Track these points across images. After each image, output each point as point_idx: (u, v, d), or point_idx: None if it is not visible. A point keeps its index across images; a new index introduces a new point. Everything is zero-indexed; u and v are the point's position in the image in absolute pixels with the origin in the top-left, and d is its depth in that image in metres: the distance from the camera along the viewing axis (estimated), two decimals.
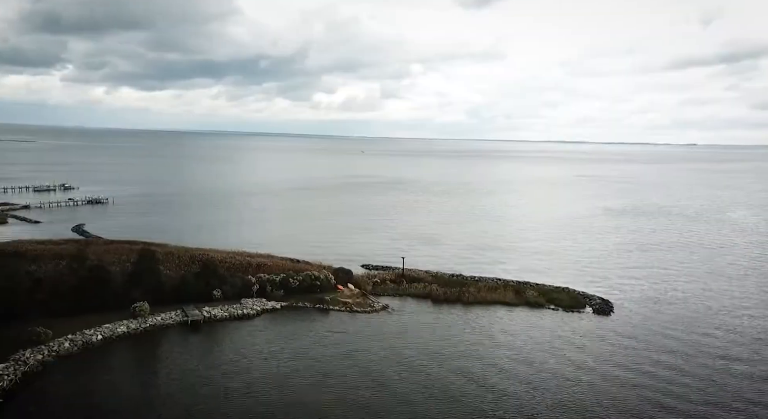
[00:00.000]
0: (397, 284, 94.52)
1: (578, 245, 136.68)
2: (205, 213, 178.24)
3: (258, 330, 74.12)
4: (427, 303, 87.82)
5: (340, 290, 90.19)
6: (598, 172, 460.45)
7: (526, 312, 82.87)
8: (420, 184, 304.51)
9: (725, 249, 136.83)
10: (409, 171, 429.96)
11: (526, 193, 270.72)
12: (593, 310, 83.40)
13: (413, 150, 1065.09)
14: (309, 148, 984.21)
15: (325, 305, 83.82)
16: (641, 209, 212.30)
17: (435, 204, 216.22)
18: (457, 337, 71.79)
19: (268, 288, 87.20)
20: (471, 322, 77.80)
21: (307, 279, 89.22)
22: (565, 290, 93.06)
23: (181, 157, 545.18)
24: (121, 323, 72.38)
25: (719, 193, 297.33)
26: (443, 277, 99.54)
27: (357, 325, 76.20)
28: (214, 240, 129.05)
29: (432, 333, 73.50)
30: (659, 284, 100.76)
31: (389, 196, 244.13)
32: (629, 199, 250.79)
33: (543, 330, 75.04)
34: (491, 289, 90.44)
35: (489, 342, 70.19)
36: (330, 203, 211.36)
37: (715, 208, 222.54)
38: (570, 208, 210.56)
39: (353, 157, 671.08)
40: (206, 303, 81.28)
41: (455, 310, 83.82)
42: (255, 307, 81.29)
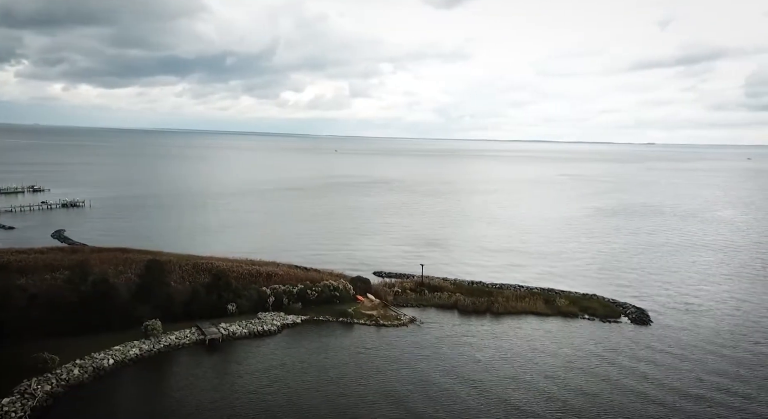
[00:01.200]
0: (418, 293, 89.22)
1: (585, 247, 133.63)
2: (190, 216, 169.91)
3: (282, 348, 67.83)
4: (453, 314, 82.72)
5: (360, 301, 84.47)
6: (576, 171, 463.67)
7: (561, 323, 78.49)
8: (404, 184, 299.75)
9: (731, 249, 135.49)
10: (388, 170, 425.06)
11: (513, 193, 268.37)
12: (630, 320, 79.54)
13: (385, 149, 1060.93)
14: (279, 147, 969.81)
15: (348, 318, 77.95)
16: (633, 209, 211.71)
17: (426, 205, 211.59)
18: (497, 355, 66.79)
19: (285, 300, 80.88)
20: (507, 336, 72.84)
21: (325, 291, 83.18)
22: (593, 297, 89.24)
23: (151, 157, 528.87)
24: (133, 344, 65.27)
25: (699, 191, 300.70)
26: (463, 285, 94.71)
27: (386, 341, 70.49)
28: (208, 246, 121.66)
29: (470, 349, 68.34)
30: (683, 288, 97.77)
31: (377, 196, 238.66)
32: (616, 198, 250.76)
33: (588, 344, 70.61)
34: (519, 298, 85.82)
35: (535, 363, 65.43)
36: (320, 204, 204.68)
37: (703, 207, 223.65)
38: (562, 208, 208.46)
39: (328, 156, 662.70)
40: (220, 318, 74.63)
41: (486, 322, 78.88)
42: (275, 322, 74.90)
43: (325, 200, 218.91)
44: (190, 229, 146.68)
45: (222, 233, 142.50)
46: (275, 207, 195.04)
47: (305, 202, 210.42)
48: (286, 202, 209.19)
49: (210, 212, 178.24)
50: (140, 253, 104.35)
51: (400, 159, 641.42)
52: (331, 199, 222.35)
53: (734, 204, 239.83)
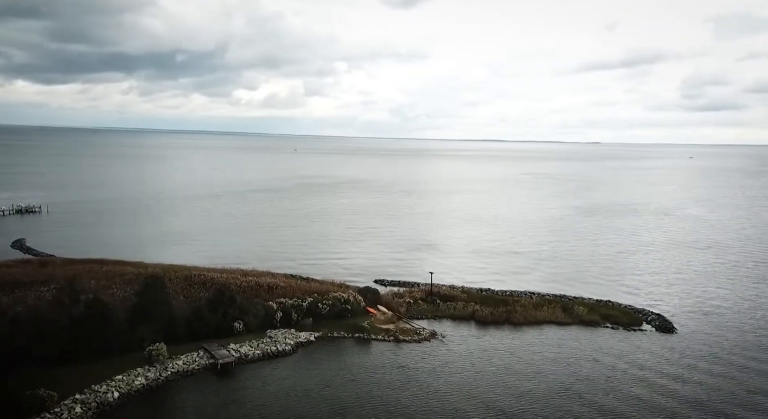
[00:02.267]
0: (429, 303, 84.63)
1: (577, 248, 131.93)
2: (160, 221, 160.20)
3: (301, 370, 61.93)
4: (470, 325, 78.52)
5: (372, 314, 79.24)
6: (537, 170, 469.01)
7: (586, 333, 75.27)
8: (376, 184, 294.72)
9: (718, 248, 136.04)
10: (355, 170, 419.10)
11: (487, 193, 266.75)
12: (655, 328, 77.11)
13: (344, 148, 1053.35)
14: (234, 146, 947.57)
15: (364, 334, 72.55)
16: (607, 207, 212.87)
17: (406, 206, 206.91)
18: (534, 372, 62.83)
19: (294, 315, 74.90)
20: (536, 350, 69.06)
21: (336, 304, 77.55)
22: (608, 303, 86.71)
23: (103, 157, 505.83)
24: (137, 372, 58.19)
25: (660, 189, 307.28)
26: (473, 293, 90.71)
27: (411, 359, 65.39)
28: (188, 255, 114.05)
29: (503, 367, 64.18)
30: (691, 290, 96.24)
31: (353, 197, 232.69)
32: (587, 197, 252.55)
33: (624, 356, 67.36)
34: (536, 306, 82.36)
35: (578, 378, 61.79)
36: (297, 207, 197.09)
37: (671, 205, 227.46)
38: (540, 207, 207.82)
39: (288, 155, 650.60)
40: (227, 338, 68.10)
41: (508, 333, 74.91)
42: (288, 341, 68.86)
43: (300, 202, 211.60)
44: (163, 236, 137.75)
45: (200, 240, 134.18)
46: (250, 210, 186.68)
47: (280, 205, 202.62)
48: (261, 205, 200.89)
49: (182, 217, 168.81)
50: (119, 265, 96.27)
51: (362, 158, 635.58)
52: (307, 201, 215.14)
53: (698, 202, 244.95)
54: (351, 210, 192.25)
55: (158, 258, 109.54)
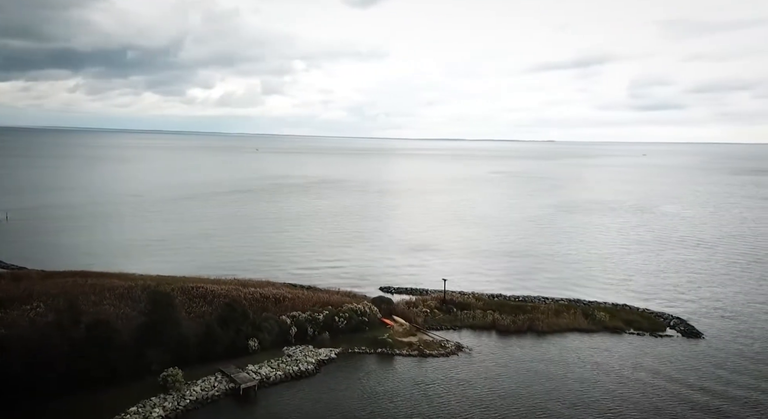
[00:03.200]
0: (446, 312, 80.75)
1: (572, 249, 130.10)
2: (133, 227, 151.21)
3: (329, 392, 57.01)
4: (491, 335, 75.04)
5: (389, 325, 74.85)
6: (504, 169, 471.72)
7: (613, 340, 72.69)
8: (350, 184, 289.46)
9: (706, 246, 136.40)
10: (325, 170, 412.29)
11: (465, 192, 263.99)
12: (680, 333, 75.20)
13: (307, 147, 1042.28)
14: (191, 146, 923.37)
15: (387, 349, 68.15)
16: (584, 206, 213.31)
17: (388, 207, 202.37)
18: (572, 388, 59.70)
19: (310, 330, 69.86)
20: (570, 360, 65.94)
21: (353, 316, 72.82)
22: (626, 308, 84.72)
23: (54, 158, 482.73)
24: (152, 402, 52.32)
25: (627, 187, 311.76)
26: (485, 299, 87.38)
27: (443, 376, 61.09)
28: (170, 264, 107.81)
29: (543, 380, 60.81)
30: (699, 291, 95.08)
31: (331, 198, 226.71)
32: (561, 195, 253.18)
33: (661, 365, 64.85)
34: (557, 313, 79.55)
35: (625, 390, 58.89)
36: (276, 209, 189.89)
37: (645, 203, 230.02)
38: (521, 207, 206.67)
39: (251, 155, 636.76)
40: (242, 358, 62.65)
41: (534, 343, 71.66)
42: (308, 359, 63.83)
43: (279, 204, 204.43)
44: (140, 244, 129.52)
45: (181, 247, 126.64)
46: (228, 213, 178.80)
47: (258, 207, 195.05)
48: (238, 207, 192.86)
49: (155, 222, 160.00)
50: (104, 277, 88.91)
51: (328, 158, 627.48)
52: (286, 203, 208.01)
53: (667, 199, 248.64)
54: (334, 211, 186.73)
55: (140, 268, 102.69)
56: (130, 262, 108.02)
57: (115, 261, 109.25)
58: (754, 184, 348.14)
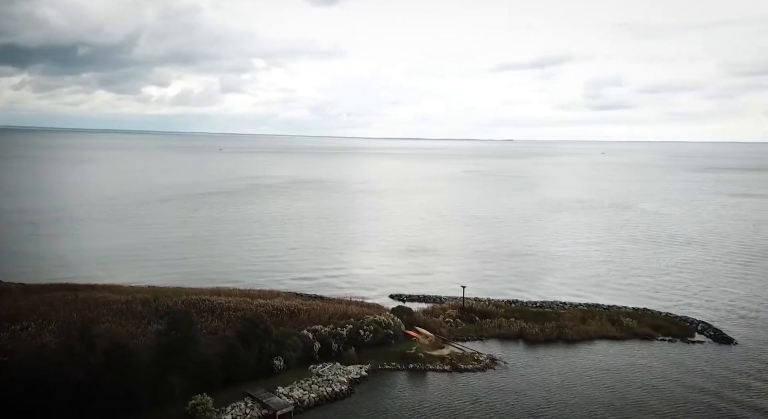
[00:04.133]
0: (468, 322, 77.18)
1: (572, 249, 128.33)
2: (112, 233, 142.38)
3: (371, 415, 52.75)
4: (518, 345, 71.85)
5: (414, 337, 70.78)
6: (474, 168, 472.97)
7: (647, 348, 70.23)
8: (328, 184, 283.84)
9: (697, 244, 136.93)
10: (298, 169, 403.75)
11: (442, 191, 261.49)
12: (711, 338, 73.44)
13: (272, 146, 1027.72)
14: (149, 146, 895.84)
15: (419, 364, 64.07)
16: (565, 204, 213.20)
17: (373, 208, 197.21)
18: (622, 400, 56.87)
19: (334, 346, 65.18)
20: (610, 369, 63.22)
21: (379, 329, 68.43)
22: (647, 312, 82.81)
23: (3, 159, 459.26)
24: None
25: (598, 184, 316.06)
26: (503, 305, 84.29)
27: (483, 392, 57.33)
28: (163, 274, 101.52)
29: (582, 393, 57.74)
30: (711, 292, 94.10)
31: (315, 199, 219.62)
32: (539, 193, 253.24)
33: (708, 376, 62.64)
34: (583, 320, 76.97)
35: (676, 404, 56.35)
36: (259, 212, 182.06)
37: (622, 200, 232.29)
38: (505, 206, 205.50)
39: (214, 154, 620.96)
40: (268, 378, 57.66)
41: (566, 352, 68.65)
42: (340, 378, 59.22)
43: (259, 206, 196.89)
44: (122, 252, 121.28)
45: (168, 255, 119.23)
46: (209, 217, 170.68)
47: (240, 210, 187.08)
48: (217, 211, 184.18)
49: (134, 227, 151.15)
50: (94, 291, 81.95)
51: (296, 157, 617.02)
52: (266, 205, 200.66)
53: (641, 196, 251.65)
54: (319, 214, 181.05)
55: (128, 278, 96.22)
56: (115, 273, 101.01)
57: (99, 271, 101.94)
58: (714, 181, 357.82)
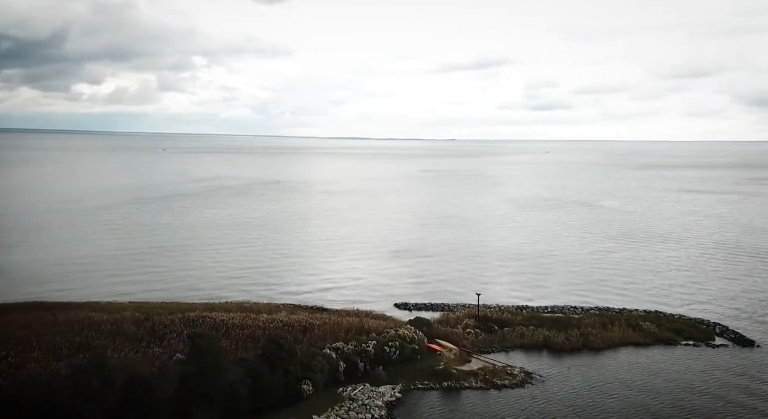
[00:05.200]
0: (487, 331, 73.37)
1: (557, 249, 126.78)
2: (78, 242, 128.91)
3: None
4: (541, 355, 68.51)
5: (438, 351, 66.39)
6: (430, 167, 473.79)
7: (675, 353, 68.07)
8: (290, 185, 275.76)
9: (672, 241, 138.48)
10: (253, 170, 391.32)
11: (409, 191, 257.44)
12: (731, 341, 72.33)
13: (217, 146, 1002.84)
14: (84, 147, 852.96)
15: (452, 381, 59.64)
16: (532, 203, 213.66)
17: (344, 209, 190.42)
18: (677, 410, 54.42)
19: (360, 365, 59.95)
20: (657, 377, 60.80)
21: (405, 345, 63.61)
22: (660, 315, 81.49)
23: None
24: None
25: (554, 182, 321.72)
26: (514, 311, 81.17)
27: (530, 412, 53.77)
28: (144, 287, 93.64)
29: (637, 406, 54.99)
30: (714, 290, 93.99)
31: (279, 202, 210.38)
32: (503, 192, 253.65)
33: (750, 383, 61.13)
34: (603, 326, 74.55)
35: None
36: (228, 216, 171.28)
37: (583, 198, 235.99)
38: (475, 206, 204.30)
39: (160, 155, 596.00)
40: (297, 406, 51.97)
41: (597, 361, 65.89)
42: (375, 402, 54.09)
43: (226, 210, 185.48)
44: (91, 262, 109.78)
45: (142, 265, 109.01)
46: (177, 222, 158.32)
47: (206, 214, 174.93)
48: (183, 215, 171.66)
49: (96, 235, 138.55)
50: (72, 309, 73.32)
51: (246, 157, 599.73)
52: (233, 208, 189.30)
53: (601, 194, 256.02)
54: (293, 217, 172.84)
55: (106, 293, 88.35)
56: (88, 288, 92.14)
57: (68, 286, 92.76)
58: (657, 178, 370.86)
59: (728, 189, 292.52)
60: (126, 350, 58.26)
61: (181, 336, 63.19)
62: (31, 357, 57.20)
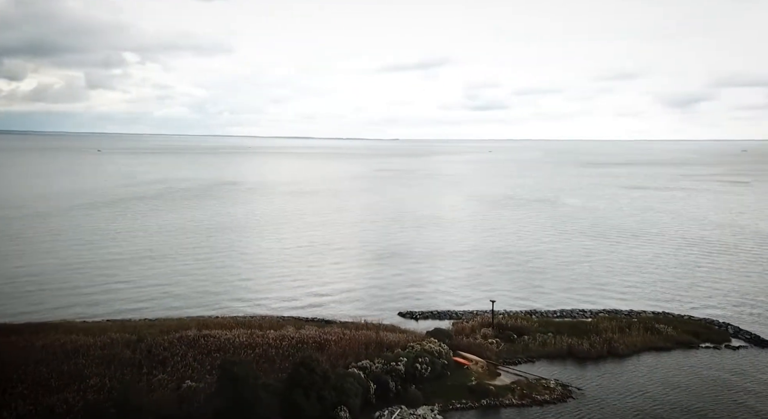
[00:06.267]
0: (506, 340, 69.88)
1: (541, 248, 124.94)
2: (32, 253, 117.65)
3: None
4: (566, 363, 65.50)
5: (465, 365, 62.27)
6: (383, 166, 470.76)
7: (698, 356, 66.74)
8: (247, 186, 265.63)
9: (646, 238, 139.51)
10: (205, 172, 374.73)
11: (373, 192, 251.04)
12: (750, 343, 71.44)
13: (155, 146, 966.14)
14: (6, 147, 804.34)
15: (491, 399, 55.62)
16: (499, 201, 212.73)
17: (315, 211, 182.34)
18: None
19: (392, 384, 55.05)
20: (707, 385, 58.89)
21: (435, 360, 59.08)
22: (669, 316, 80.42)
23: None
24: None
25: (507, 180, 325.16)
26: (522, 316, 78.29)
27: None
28: (120, 303, 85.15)
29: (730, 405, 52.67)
30: (708, 287, 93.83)
31: (243, 204, 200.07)
32: (466, 191, 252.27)
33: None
34: (621, 330, 72.53)
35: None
36: (191, 219, 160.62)
37: (543, 195, 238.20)
38: (445, 205, 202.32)
39: (96, 156, 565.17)
40: None
41: (623, 368, 63.62)
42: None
43: (190, 213, 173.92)
44: (50, 278, 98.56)
45: (112, 277, 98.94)
46: (137, 228, 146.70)
47: (170, 219, 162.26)
48: (144, 220, 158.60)
49: (49, 245, 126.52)
50: (49, 332, 65.13)
51: (190, 157, 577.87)
52: (198, 212, 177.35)
53: (560, 191, 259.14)
54: (262, 220, 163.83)
55: (81, 312, 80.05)
56: (58, 306, 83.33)
57: (33, 306, 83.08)
58: (603, 175, 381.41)
59: (669, 185, 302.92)
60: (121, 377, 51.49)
61: (186, 359, 56.96)
62: (16, 393, 49.69)
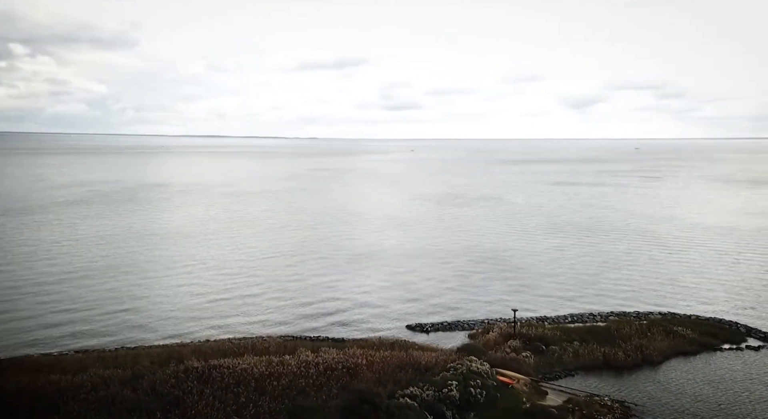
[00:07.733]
0: (536, 352, 65.51)
1: (520, 247, 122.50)
2: None
3: None
4: (601, 374, 62.17)
5: (509, 384, 57.09)
6: (315, 166, 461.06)
7: (727, 358, 65.79)
8: (179, 188, 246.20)
9: (614, 232, 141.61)
10: (122, 173, 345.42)
11: (316, 192, 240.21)
12: (764, 342, 71.65)
13: (53, 147, 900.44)
14: None
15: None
16: (448, 200, 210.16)
17: (270, 215, 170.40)
18: None
19: (448, 414, 48.90)
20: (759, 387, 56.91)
21: (486, 382, 53.38)
22: (677, 317, 79.19)
23: None
24: None
25: (442, 178, 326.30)
26: (535, 324, 74.53)
27: None
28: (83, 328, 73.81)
29: None
30: (692, 282, 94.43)
31: (184, 208, 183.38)
32: (410, 189, 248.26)
33: None
34: (642, 334, 70.22)
35: None
36: (130, 227, 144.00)
37: (484, 193, 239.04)
38: (395, 204, 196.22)
39: None
40: None
41: (662, 376, 60.90)
42: None
43: (128, 219, 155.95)
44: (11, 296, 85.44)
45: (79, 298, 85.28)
46: (67, 238, 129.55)
47: (104, 226, 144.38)
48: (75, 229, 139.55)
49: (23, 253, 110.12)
50: (20, 372, 53.94)
51: (98, 157, 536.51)
52: (134, 217, 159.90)
53: (496, 188, 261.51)
54: (213, 226, 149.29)
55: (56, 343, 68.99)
56: (18, 339, 69.85)
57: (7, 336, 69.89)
58: (528, 172, 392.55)
59: (593, 181, 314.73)
60: None
61: (204, 398, 48.00)
62: None
